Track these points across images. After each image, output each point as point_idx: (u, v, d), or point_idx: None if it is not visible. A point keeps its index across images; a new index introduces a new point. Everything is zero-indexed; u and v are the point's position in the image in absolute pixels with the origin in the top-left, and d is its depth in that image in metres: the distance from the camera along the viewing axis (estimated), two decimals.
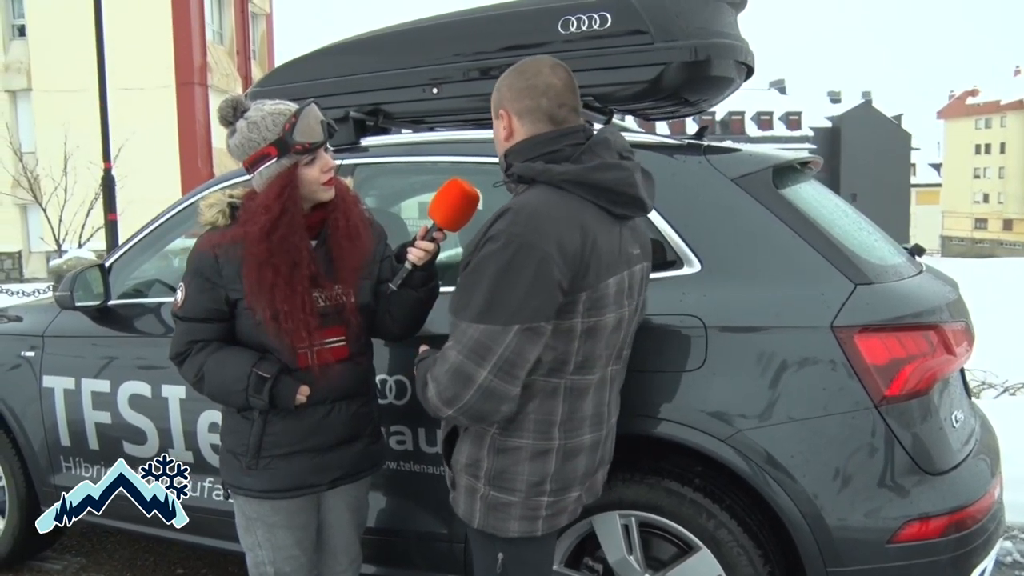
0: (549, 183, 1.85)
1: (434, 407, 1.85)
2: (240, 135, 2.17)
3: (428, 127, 3.31)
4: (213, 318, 2.23)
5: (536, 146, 1.90)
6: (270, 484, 2.24)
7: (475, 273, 1.77)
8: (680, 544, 2.37)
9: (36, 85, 22.85)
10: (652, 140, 2.66)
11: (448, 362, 1.78)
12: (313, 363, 2.21)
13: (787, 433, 2.21)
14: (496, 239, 1.75)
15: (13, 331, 3.64)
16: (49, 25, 22.13)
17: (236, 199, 2.25)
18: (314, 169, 2.17)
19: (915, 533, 2.18)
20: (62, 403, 3.36)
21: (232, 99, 2.20)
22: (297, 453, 2.24)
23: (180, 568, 3.74)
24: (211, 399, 2.30)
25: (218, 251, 2.18)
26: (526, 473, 1.90)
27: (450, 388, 1.77)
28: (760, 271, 2.34)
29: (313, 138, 2.14)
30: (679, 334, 2.33)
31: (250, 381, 2.15)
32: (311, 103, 2.18)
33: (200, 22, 23.15)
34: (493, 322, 1.74)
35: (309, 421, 2.24)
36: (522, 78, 1.95)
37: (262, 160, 2.16)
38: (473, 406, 1.78)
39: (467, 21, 2.84)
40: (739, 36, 2.84)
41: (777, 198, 2.44)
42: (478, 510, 1.94)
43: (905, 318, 2.27)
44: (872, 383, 2.19)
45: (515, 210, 1.78)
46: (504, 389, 1.77)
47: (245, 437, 2.24)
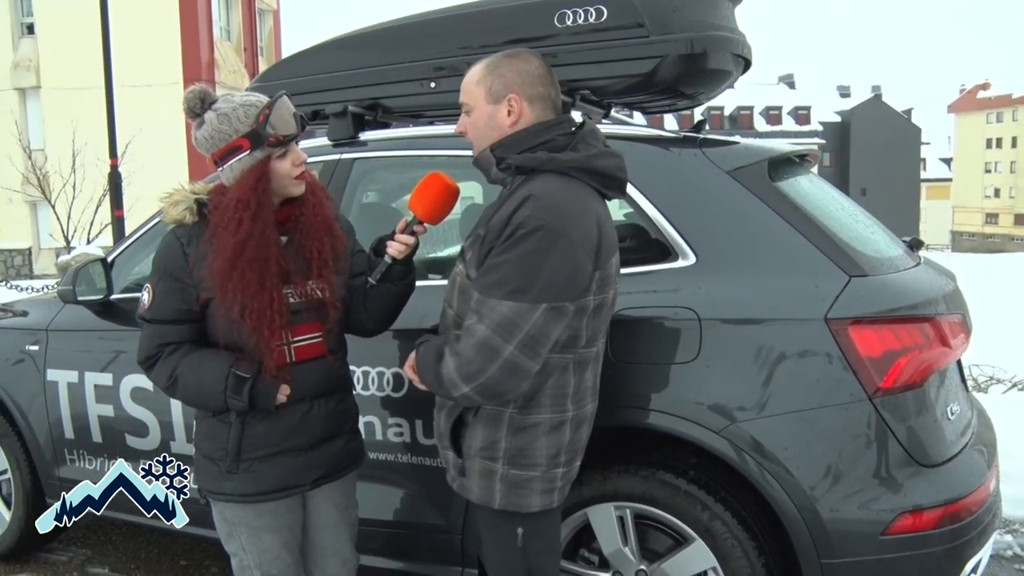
0: (556, 171, 1.91)
1: (448, 384, 1.87)
2: (209, 127, 2.08)
3: (427, 121, 3.32)
4: (184, 319, 2.14)
5: (531, 136, 1.96)
6: (253, 487, 2.16)
7: (505, 254, 1.83)
8: (675, 536, 2.38)
9: (45, 83, 22.95)
10: (648, 133, 2.67)
11: (475, 336, 1.82)
12: (290, 361, 2.14)
13: (781, 425, 2.22)
14: (525, 224, 1.81)
15: (17, 325, 3.68)
16: (57, 23, 22.20)
17: (202, 195, 2.16)
18: (286, 162, 2.10)
19: (909, 525, 2.18)
20: (66, 396, 3.39)
21: (198, 89, 2.10)
22: (278, 454, 2.17)
23: (184, 560, 3.76)
24: (185, 403, 2.20)
25: (188, 249, 2.10)
26: (544, 447, 1.96)
27: (475, 361, 1.81)
28: (755, 263, 2.35)
29: (287, 130, 2.08)
30: (673, 326, 2.34)
31: (228, 382, 2.06)
32: (283, 95, 2.11)
33: (207, 19, 23.19)
34: (521, 300, 1.80)
35: (289, 421, 2.17)
36: (528, 65, 1.99)
37: (233, 153, 2.08)
38: (496, 381, 1.82)
39: (464, 15, 2.84)
40: (736, 29, 2.84)
41: (772, 190, 2.44)
42: (498, 491, 1.97)
43: (900, 310, 2.27)
44: (866, 375, 2.19)
45: (536, 197, 1.84)
46: (527, 365, 1.83)
47: (223, 441, 2.16)
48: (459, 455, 2.02)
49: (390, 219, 3.30)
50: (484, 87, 2.00)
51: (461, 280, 1.97)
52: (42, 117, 22.86)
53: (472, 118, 2.04)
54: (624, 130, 2.67)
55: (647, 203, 2.47)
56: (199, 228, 2.13)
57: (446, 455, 2.08)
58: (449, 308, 2.02)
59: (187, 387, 2.13)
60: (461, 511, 2.57)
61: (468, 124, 2.06)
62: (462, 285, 1.96)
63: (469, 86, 2.04)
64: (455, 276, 2.01)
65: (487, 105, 2.00)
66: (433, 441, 2.59)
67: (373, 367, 2.68)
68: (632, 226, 2.53)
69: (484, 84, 2.01)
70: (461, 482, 2.04)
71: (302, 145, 3.14)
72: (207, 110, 2.09)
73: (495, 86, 1.99)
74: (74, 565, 3.75)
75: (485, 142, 2.02)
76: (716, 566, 2.30)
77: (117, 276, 3.35)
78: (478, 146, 2.05)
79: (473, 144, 2.07)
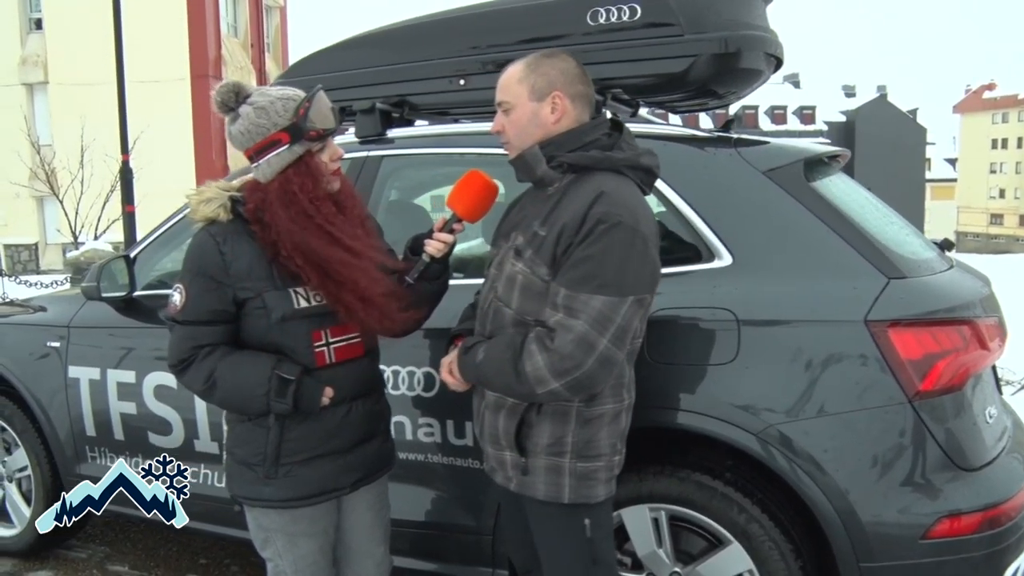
0: (611, 169, 1.96)
1: (534, 381, 1.86)
2: (246, 121, 2.03)
3: (452, 119, 3.30)
4: (219, 320, 2.07)
5: (581, 135, 2.00)
6: (292, 492, 2.11)
7: (589, 249, 1.86)
8: (710, 538, 2.36)
9: (53, 78, 22.94)
10: (682, 132, 2.65)
11: (573, 331, 1.83)
12: (331, 362, 2.11)
13: (820, 427, 2.20)
14: (605, 220, 1.85)
15: (39, 321, 3.67)
16: (65, 19, 22.19)
17: (236, 192, 2.12)
18: (324, 157, 2.08)
19: (949, 529, 2.17)
20: (87, 393, 3.37)
21: (232, 84, 2.07)
22: (317, 457, 2.12)
23: (203, 558, 3.75)
24: (223, 407, 2.17)
25: (224, 248, 2.04)
26: (606, 437, 2.00)
27: (573, 356, 1.83)
28: (792, 264, 2.33)
29: (327, 124, 2.05)
30: (711, 327, 2.32)
31: (272, 384, 2.01)
32: (320, 89, 2.08)
33: (215, 15, 23.17)
34: (612, 294, 1.84)
35: (329, 423, 2.12)
36: (568, 64, 2.02)
37: (271, 147, 2.03)
38: (589, 375, 1.85)
39: (496, 12, 2.82)
40: (768, 28, 2.81)
41: (808, 191, 2.42)
42: (567, 484, 1.98)
43: (939, 313, 2.25)
44: (906, 378, 2.17)
45: (608, 193, 1.88)
46: (617, 357, 1.87)
47: (261, 446, 2.10)
48: (521, 455, 2.01)
49: (418, 216, 3.31)
50: (527, 85, 2.01)
51: (525, 279, 1.96)
52: (50, 112, 22.85)
53: (513, 116, 2.03)
54: (658, 129, 2.65)
55: (683, 203, 2.45)
56: (234, 226, 2.07)
57: (502, 456, 2.05)
58: (507, 308, 2.00)
59: (227, 390, 2.06)
60: (492, 512, 2.56)
61: (508, 123, 2.05)
62: (527, 284, 1.95)
63: (510, 84, 2.04)
64: (514, 275, 1.98)
65: (530, 103, 2.01)
66: (464, 441, 2.60)
67: (403, 366, 2.66)
68: (668, 226, 2.51)
69: (527, 82, 2.01)
70: (522, 481, 2.02)
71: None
72: (241, 104, 2.05)
73: (538, 84, 2.00)
74: (93, 562, 3.74)
75: (528, 140, 2.02)
76: (752, 569, 2.28)
77: (139, 273, 3.33)
78: (518, 144, 2.04)
79: (511, 143, 2.06)
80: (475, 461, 2.59)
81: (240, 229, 2.07)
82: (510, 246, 2.02)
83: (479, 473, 2.58)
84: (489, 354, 1.96)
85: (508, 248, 2.03)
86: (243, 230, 2.07)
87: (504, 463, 2.06)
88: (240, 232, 2.07)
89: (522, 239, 1.98)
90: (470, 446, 2.59)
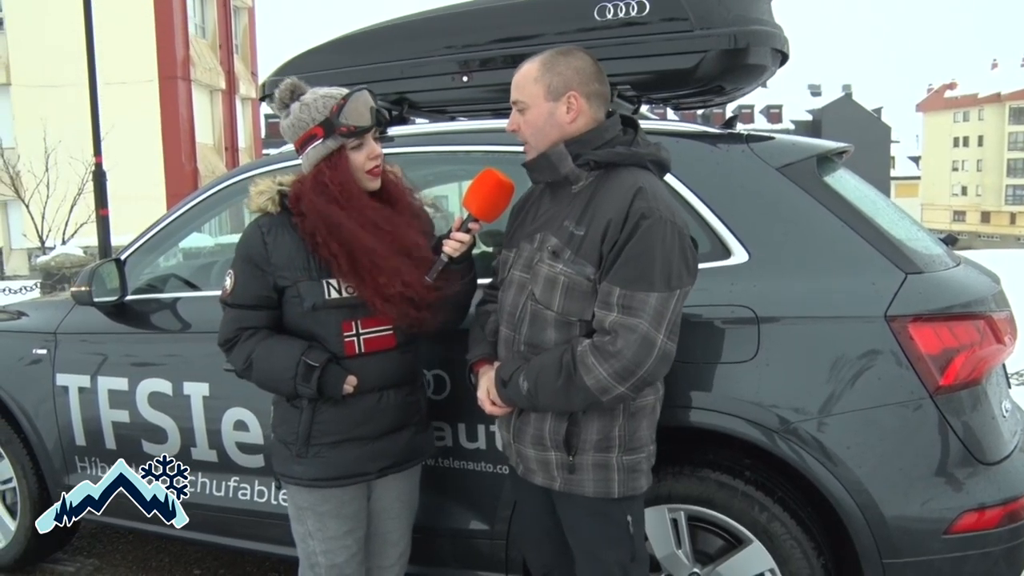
0: (637, 164, 1.96)
1: (598, 391, 1.86)
2: (293, 116, 2.20)
3: (449, 117, 3.26)
4: (262, 305, 2.23)
5: (604, 132, 2.00)
6: (320, 472, 2.23)
7: (637, 246, 1.85)
8: (729, 538, 2.34)
9: (15, 80, 22.53)
10: (694, 129, 2.63)
11: (636, 331, 1.83)
12: (360, 352, 2.20)
13: (842, 424, 2.18)
14: (648, 215, 1.86)
15: (23, 328, 3.55)
16: (27, 19, 21.81)
17: (285, 186, 2.25)
18: (360, 155, 2.18)
19: (971, 524, 2.16)
20: (76, 401, 3.27)
21: (291, 82, 2.23)
22: (346, 441, 2.22)
23: (197, 568, 3.66)
24: (260, 387, 2.28)
25: (268, 238, 2.20)
26: (646, 427, 2.03)
27: (637, 356, 1.83)
28: (809, 261, 2.31)
29: (360, 122, 2.15)
30: (730, 325, 2.29)
31: (299, 369, 2.14)
32: (364, 89, 2.20)
33: (182, 16, 22.89)
34: (662, 289, 1.85)
35: (358, 409, 2.22)
36: (583, 62, 2.00)
37: (309, 141, 2.18)
38: (652, 372, 1.86)
39: (501, 7, 2.78)
40: (775, 23, 2.80)
41: (823, 187, 2.41)
42: (616, 479, 1.98)
43: (956, 307, 2.25)
44: (927, 373, 2.16)
45: (644, 189, 1.89)
46: (673, 351, 1.90)
47: (295, 426, 2.24)
48: (569, 453, 1.98)
49: None
50: (543, 85, 1.99)
51: (568, 280, 1.93)
52: (13, 115, 22.43)
53: (529, 116, 2.02)
54: (670, 126, 2.62)
55: (696, 200, 2.42)
56: (281, 218, 2.22)
57: (546, 456, 2.02)
58: (548, 310, 1.96)
59: (261, 371, 2.21)
60: (506, 517, 2.51)
61: (523, 123, 2.04)
62: (571, 285, 1.92)
63: (525, 84, 2.01)
64: (555, 277, 1.94)
65: (546, 103, 1.99)
66: (476, 445, 2.56)
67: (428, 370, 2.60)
68: None
69: (542, 82, 1.99)
70: (569, 479, 2.00)
71: None
72: (295, 101, 2.21)
73: (554, 83, 1.98)
74: (83, 575, 3.64)
75: (544, 140, 2.01)
76: (774, 568, 2.26)
77: (130, 277, 3.24)
78: (536, 144, 2.03)
79: (529, 143, 2.05)
80: (487, 465, 2.55)
81: (285, 221, 2.22)
82: (538, 248, 1.99)
83: (491, 477, 2.54)
84: (539, 382, 1.93)
85: (537, 250, 2.00)
86: (288, 222, 2.21)
87: (548, 464, 2.02)
88: (285, 224, 2.22)
89: (555, 240, 1.95)
90: (482, 449, 2.54)
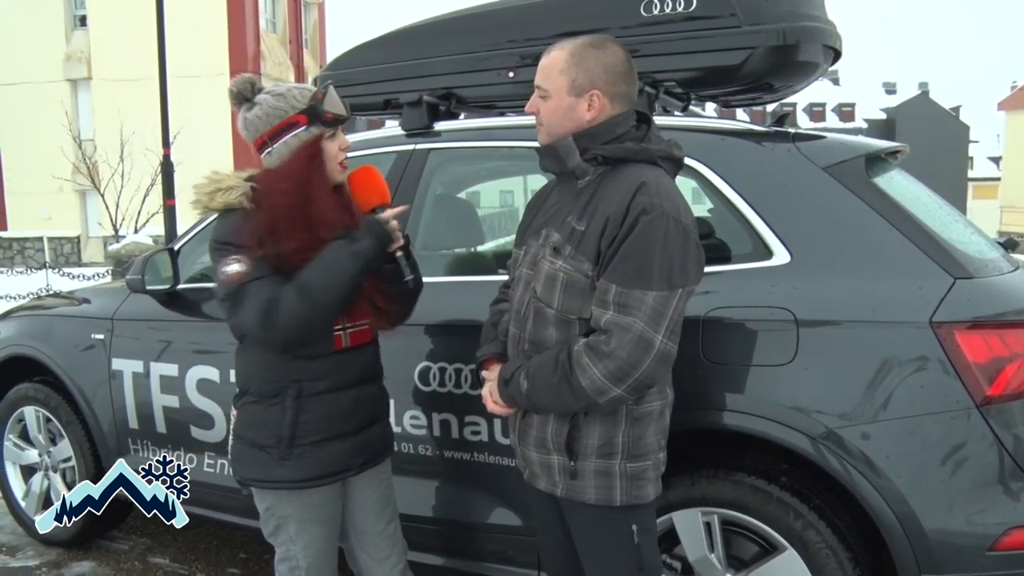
0: (647, 160, 1.90)
1: (594, 392, 1.80)
2: (265, 106, 2.14)
3: (498, 112, 3.26)
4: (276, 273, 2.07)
5: (614, 127, 1.93)
6: (308, 472, 2.18)
7: (635, 242, 1.80)
8: (763, 544, 2.29)
9: (96, 74, 23.36)
10: (739, 127, 2.57)
11: (631, 331, 1.77)
12: (346, 345, 2.20)
13: (883, 432, 2.12)
14: (649, 210, 1.80)
15: (84, 313, 3.68)
16: (109, 15, 22.57)
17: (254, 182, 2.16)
18: (334, 145, 2.18)
19: (1018, 541, 2.07)
20: (130, 386, 3.38)
21: (248, 77, 2.22)
22: (328, 439, 2.20)
23: (243, 552, 3.75)
24: (320, 306, 2.04)
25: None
26: (653, 434, 1.95)
27: (632, 357, 1.77)
28: (853, 263, 2.25)
29: (341, 112, 2.18)
30: (769, 327, 2.24)
31: (345, 241, 2.07)
32: (331, 84, 2.21)
33: (254, 11, 23.43)
34: (661, 288, 1.78)
35: (340, 405, 2.21)
36: (614, 59, 1.92)
37: (289, 129, 2.13)
38: (649, 374, 1.79)
39: (547, 3, 2.77)
40: (827, 19, 2.73)
41: (870, 187, 2.34)
42: (619, 487, 1.92)
43: (1008, 315, 2.16)
44: (974, 382, 2.08)
45: (648, 184, 1.83)
46: (673, 352, 1.82)
47: (276, 428, 2.16)
48: (571, 458, 1.94)
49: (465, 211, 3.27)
50: (567, 78, 1.92)
51: (567, 277, 1.88)
52: (92, 108, 23.28)
53: (549, 105, 1.96)
54: (714, 123, 2.57)
55: (739, 199, 2.37)
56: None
57: (549, 460, 1.97)
58: (548, 308, 1.92)
59: (319, 286, 2.04)
60: None
61: (543, 108, 1.97)
62: (569, 282, 1.88)
63: (551, 73, 1.95)
64: (555, 274, 1.90)
65: (567, 97, 1.93)
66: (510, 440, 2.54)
67: (450, 363, 2.62)
68: (724, 223, 2.44)
69: (568, 75, 1.92)
70: (570, 485, 1.95)
71: (374, 134, 3.13)
72: (256, 94, 2.18)
73: (579, 79, 1.91)
74: (135, 554, 3.76)
75: (558, 131, 1.95)
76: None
77: (182, 266, 3.33)
78: (550, 132, 1.97)
79: (543, 127, 1.98)
80: None
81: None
82: (543, 244, 1.95)
83: None
84: (537, 382, 1.89)
85: (541, 246, 1.95)
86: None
87: (551, 468, 1.98)
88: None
89: (557, 236, 1.91)
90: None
